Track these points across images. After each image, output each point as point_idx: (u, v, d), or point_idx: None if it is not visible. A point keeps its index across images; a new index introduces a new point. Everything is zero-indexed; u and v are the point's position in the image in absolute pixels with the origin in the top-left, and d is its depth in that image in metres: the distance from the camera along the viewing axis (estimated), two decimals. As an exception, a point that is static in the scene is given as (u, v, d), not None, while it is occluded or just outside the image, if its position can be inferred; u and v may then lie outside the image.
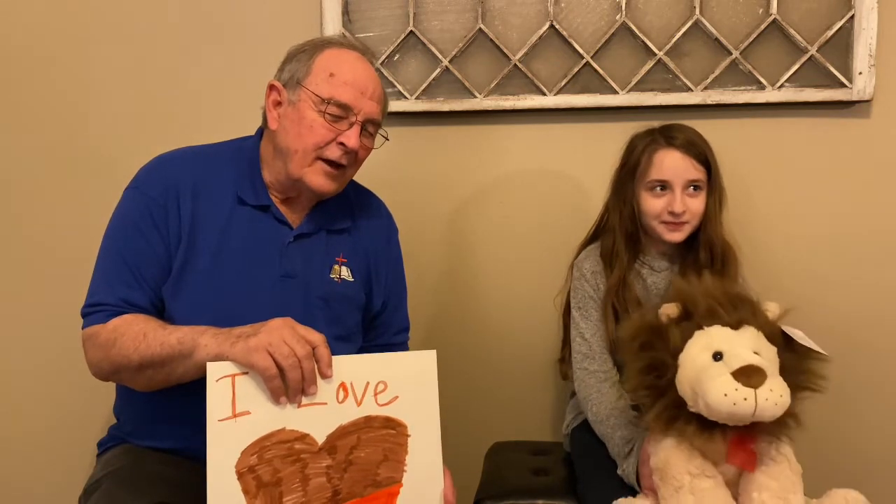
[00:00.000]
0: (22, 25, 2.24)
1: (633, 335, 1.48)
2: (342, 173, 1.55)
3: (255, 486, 1.28)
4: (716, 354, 1.38)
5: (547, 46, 2.10)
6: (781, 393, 1.32)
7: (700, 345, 1.40)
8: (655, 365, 1.43)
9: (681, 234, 1.74)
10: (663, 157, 1.72)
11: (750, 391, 1.31)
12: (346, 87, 1.50)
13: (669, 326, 1.45)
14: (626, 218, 1.79)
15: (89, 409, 2.19)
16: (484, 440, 2.07)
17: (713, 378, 1.34)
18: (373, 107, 1.54)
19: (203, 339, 1.33)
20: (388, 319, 1.74)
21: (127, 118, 2.23)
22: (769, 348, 1.41)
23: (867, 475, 2.09)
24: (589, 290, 1.80)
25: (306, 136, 1.50)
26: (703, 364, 1.37)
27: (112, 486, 1.41)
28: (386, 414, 1.36)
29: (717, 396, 1.32)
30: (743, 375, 1.32)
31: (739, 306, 1.44)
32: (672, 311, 1.46)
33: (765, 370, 1.33)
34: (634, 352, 1.46)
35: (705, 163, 1.73)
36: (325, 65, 1.52)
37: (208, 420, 1.27)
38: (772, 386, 1.32)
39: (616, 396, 1.69)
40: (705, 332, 1.41)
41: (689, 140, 1.73)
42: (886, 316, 2.10)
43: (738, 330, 1.41)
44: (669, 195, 1.72)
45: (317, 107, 1.49)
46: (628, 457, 1.57)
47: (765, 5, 2.03)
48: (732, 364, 1.34)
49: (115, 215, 1.54)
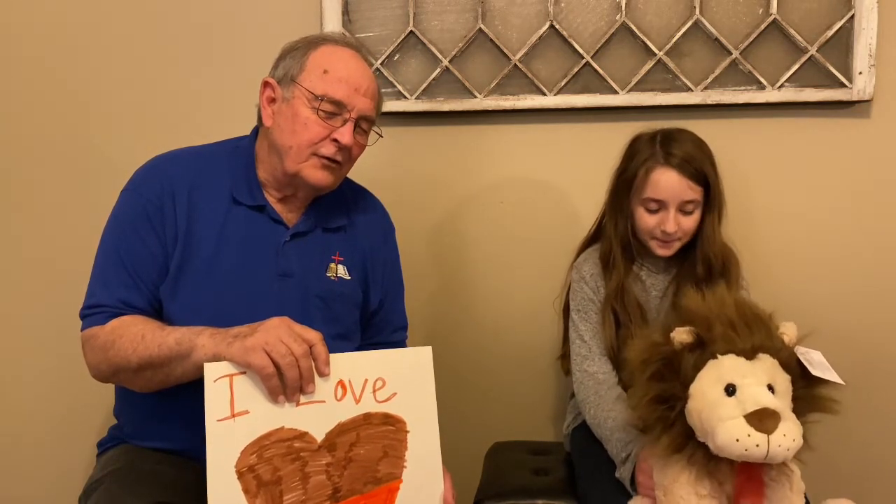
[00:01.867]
0: (20, 25, 2.24)
1: (643, 360, 1.42)
2: (339, 167, 1.55)
3: (256, 486, 1.28)
4: (728, 387, 1.33)
5: (547, 46, 2.10)
6: (794, 437, 1.28)
7: (712, 377, 1.35)
8: (666, 397, 1.39)
9: (670, 250, 1.74)
10: (659, 176, 1.70)
11: (763, 437, 1.26)
12: (340, 84, 1.51)
13: (682, 354, 1.39)
14: (621, 230, 1.78)
15: (89, 410, 2.20)
16: (484, 440, 2.07)
17: (724, 420, 1.29)
18: (366, 104, 1.54)
19: (200, 339, 1.34)
20: (386, 317, 1.74)
21: (126, 118, 2.23)
22: (784, 378, 1.36)
23: (865, 481, 2.09)
24: (588, 292, 1.80)
25: (300, 133, 1.50)
26: (714, 399, 1.33)
27: (112, 485, 1.42)
28: (385, 410, 1.37)
29: (727, 440, 1.28)
30: (756, 419, 1.28)
31: (755, 329, 1.38)
32: (685, 338, 1.39)
33: (779, 413, 1.29)
34: (644, 381, 1.41)
35: (703, 181, 1.71)
36: (319, 62, 1.52)
37: (207, 420, 1.27)
38: (785, 431, 1.27)
39: (614, 398, 1.69)
40: (718, 363, 1.36)
41: (688, 157, 1.69)
42: (886, 316, 2.09)
43: (752, 360, 1.36)
44: (663, 213, 1.71)
45: (310, 103, 1.50)
46: (625, 462, 1.57)
47: (765, 5, 2.03)
48: (746, 403, 1.30)
49: (111, 217, 1.54)
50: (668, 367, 1.40)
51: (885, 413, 2.12)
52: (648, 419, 1.42)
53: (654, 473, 1.46)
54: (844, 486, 2.03)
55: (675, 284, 1.78)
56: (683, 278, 1.76)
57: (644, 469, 1.50)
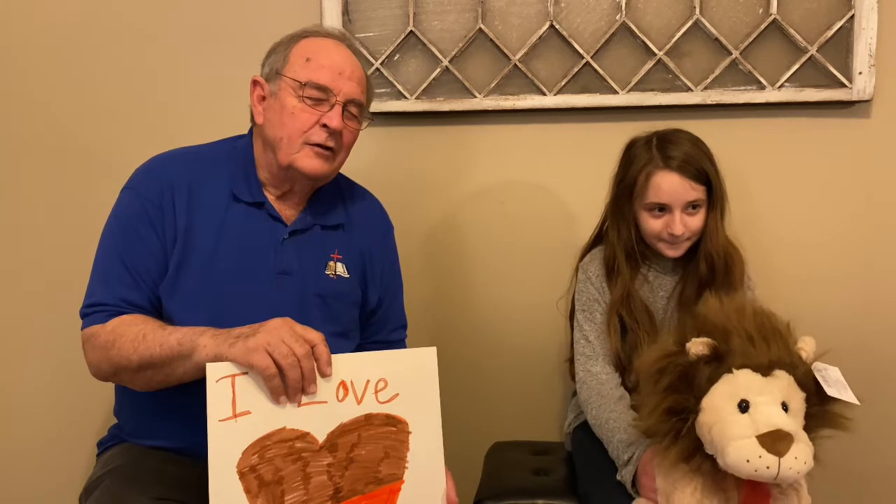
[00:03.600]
0: (17, 25, 2.24)
1: (658, 370, 1.40)
2: (332, 154, 1.55)
3: (257, 486, 1.28)
4: (742, 403, 1.32)
5: (547, 46, 2.10)
6: (805, 460, 1.27)
7: (726, 392, 1.34)
8: (678, 409, 1.38)
9: (680, 250, 1.73)
10: (660, 180, 1.69)
11: (774, 459, 1.25)
12: (324, 70, 1.51)
13: (697, 365, 1.37)
14: (624, 237, 1.77)
15: (89, 409, 2.20)
16: (484, 440, 2.07)
17: (736, 439, 1.28)
18: (352, 87, 1.54)
19: (202, 339, 1.33)
20: (385, 316, 1.74)
21: (126, 118, 2.23)
22: (799, 397, 1.35)
23: (870, 485, 2.10)
24: (594, 292, 1.79)
25: (289, 123, 1.51)
26: (726, 415, 1.32)
27: (112, 483, 1.42)
28: (386, 411, 1.36)
29: (738, 460, 1.27)
30: (769, 440, 1.27)
31: (773, 344, 1.36)
32: (701, 350, 1.36)
33: (792, 435, 1.27)
34: (658, 391, 1.39)
35: (705, 179, 1.70)
36: (301, 52, 1.54)
37: (209, 421, 1.26)
38: (797, 453, 1.26)
39: (616, 399, 1.69)
40: (733, 378, 1.34)
41: (687, 157, 1.68)
42: (887, 316, 2.10)
43: (768, 377, 1.34)
44: (668, 216, 1.70)
45: (296, 92, 1.51)
46: (627, 465, 1.56)
47: (765, 5, 2.03)
48: (759, 424, 1.29)
49: (111, 216, 1.54)
50: (681, 378, 1.38)
51: (886, 415, 2.12)
52: (659, 430, 1.40)
53: (658, 478, 1.45)
54: (850, 494, 2.05)
55: (682, 284, 1.78)
56: (690, 278, 1.76)
57: (647, 472, 1.50)
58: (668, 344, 1.42)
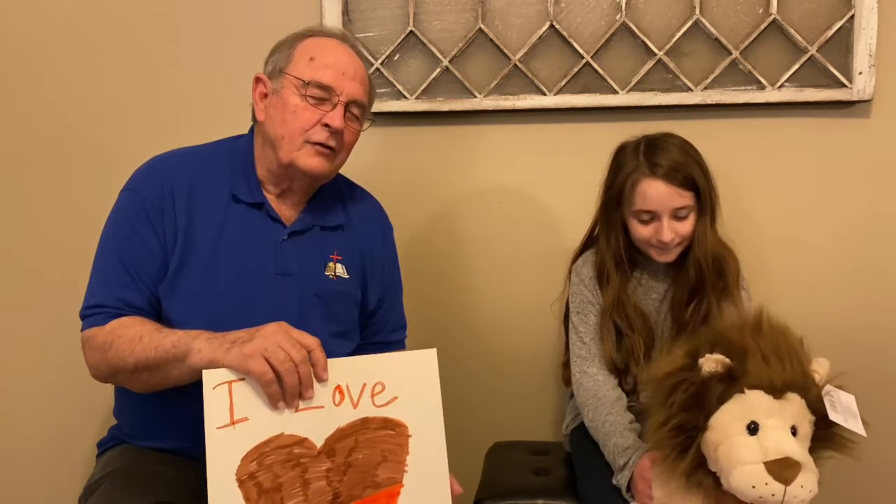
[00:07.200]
0: (16, 25, 2.24)
1: (670, 386, 1.38)
2: (333, 154, 1.55)
3: (257, 493, 1.27)
4: (751, 425, 1.31)
5: (547, 46, 2.10)
6: (811, 489, 1.26)
7: (736, 412, 1.32)
8: (687, 427, 1.36)
9: (671, 255, 1.73)
10: (647, 188, 1.67)
11: (780, 487, 1.25)
12: (327, 70, 1.52)
13: (709, 382, 1.35)
14: (613, 245, 1.77)
15: (89, 410, 2.21)
16: (484, 440, 2.07)
17: (744, 463, 1.28)
18: (355, 87, 1.54)
19: (197, 343, 1.33)
20: (385, 317, 1.74)
21: (125, 118, 2.23)
22: (808, 421, 1.34)
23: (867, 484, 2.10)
24: (588, 294, 1.79)
25: (290, 121, 1.51)
26: (735, 436, 1.31)
27: (111, 485, 1.42)
28: (384, 415, 1.36)
29: (744, 485, 1.27)
30: (776, 468, 1.26)
31: (787, 365, 1.34)
32: (716, 368, 1.34)
33: (800, 463, 1.27)
34: (669, 408, 1.37)
35: (692, 185, 1.68)
36: (305, 51, 1.54)
37: (207, 428, 1.26)
38: (803, 482, 1.26)
39: (612, 401, 1.69)
40: (744, 398, 1.33)
41: (674, 165, 1.67)
42: (886, 316, 2.09)
43: (780, 399, 1.33)
44: (657, 223, 1.69)
45: (299, 91, 1.51)
46: (622, 470, 1.57)
47: (765, 5, 2.02)
48: (768, 448, 1.28)
49: (111, 217, 1.54)
50: (694, 397, 1.36)
51: (886, 415, 2.10)
52: (665, 445, 1.39)
53: (657, 489, 1.45)
54: (850, 495, 2.05)
55: (673, 289, 1.78)
56: (680, 283, 1.76)
57: (643, 478, 1.50)
58: (680, 356, 1.40)
